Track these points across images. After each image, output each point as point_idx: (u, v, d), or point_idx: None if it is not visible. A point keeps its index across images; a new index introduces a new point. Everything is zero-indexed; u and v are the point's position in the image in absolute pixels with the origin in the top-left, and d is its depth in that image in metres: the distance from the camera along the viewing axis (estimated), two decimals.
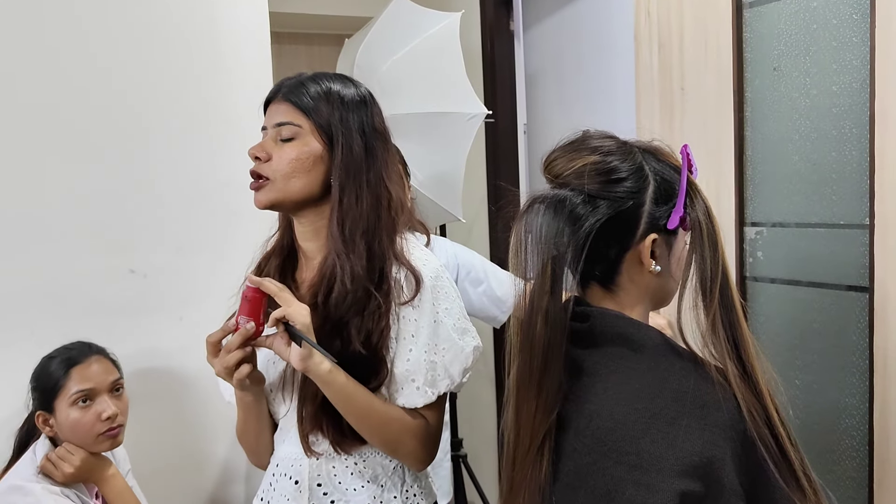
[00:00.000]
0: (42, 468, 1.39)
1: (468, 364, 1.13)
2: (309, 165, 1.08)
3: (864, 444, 1.37)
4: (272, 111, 1.12)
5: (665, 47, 1.68)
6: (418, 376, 1.09)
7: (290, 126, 1.08)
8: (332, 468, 1.11)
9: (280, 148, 1.08)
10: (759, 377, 0.81)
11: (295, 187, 1.08)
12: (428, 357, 1.09)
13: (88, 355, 1.46)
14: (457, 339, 1.12)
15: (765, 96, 1.53)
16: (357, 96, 1.12)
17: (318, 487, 1.11)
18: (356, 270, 1.06)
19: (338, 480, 1.11)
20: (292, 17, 2.90)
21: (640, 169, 0.85)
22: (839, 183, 1.40)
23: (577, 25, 2.39)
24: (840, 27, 1.38)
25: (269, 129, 1.11)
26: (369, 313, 1.07)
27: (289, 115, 1.09)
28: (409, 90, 2.18)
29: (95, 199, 1.67)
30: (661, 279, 0.88)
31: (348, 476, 1.12)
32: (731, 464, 0.78)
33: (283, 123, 1.09)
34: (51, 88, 1.63)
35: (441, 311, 1.11)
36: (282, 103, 1.10)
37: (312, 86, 1.10)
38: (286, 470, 1.13)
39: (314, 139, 1.09)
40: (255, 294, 1.04)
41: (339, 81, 1.13)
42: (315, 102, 1.09)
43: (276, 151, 1.08)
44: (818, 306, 1.46)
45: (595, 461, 0.80)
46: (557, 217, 0.83)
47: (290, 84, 1.12)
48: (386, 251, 1.09)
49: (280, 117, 1.09)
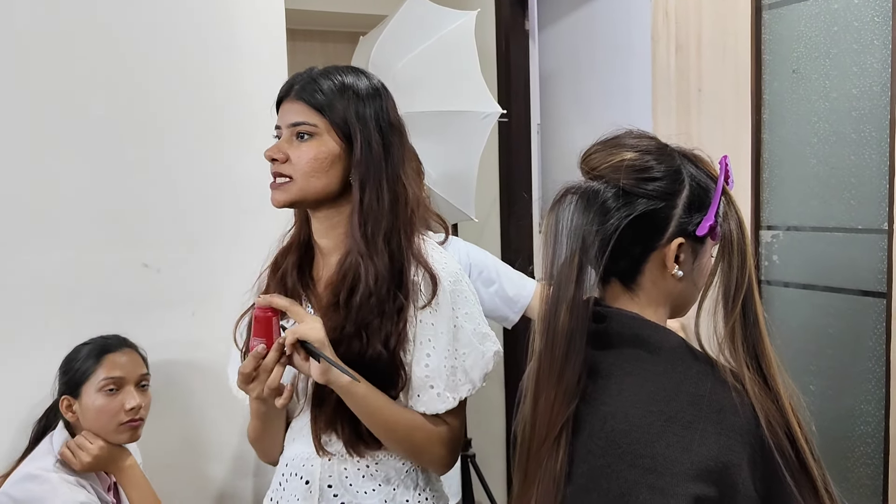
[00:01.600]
0: (61, 454, 1.41)
1: (489, 369, 1.12)
2: (328, 165, 1.06)
3: (879, 451, 1.36)
4: (286, 110, 1.10)
5: (683, 48, 1.67)
6: (438, 382, 1.08)
7: (306, 125, 1.07)
8: (344, 469, 1.10)
9: (297, 147, 1.07)
10: (781, 391, 0.81)
11: (314, 187, 1.07)
12: (448, 363, 1.08)
13: (122, 347, 1.49)
14: (477, 344, 1.11)
15: (783, 99, 1.51)
16: (371, 88, 1.11)
17: (329, 489, 1.10)
18: (380, 271, 1.05)
19: (349, 482, 1.10)
20: (308, 14, 2.91)
21: (677, 172, 0.85)
22: (857, 187, 1.39)
23: (593, 25, 2.38)
24: (861, 30, 1.36)
25: (283, 129, 1.09)
26: (389, 315, 1.05)
27: (303, 115, 1.07)
28: (424, 88, 2.18)
29: (109, 194, 1.67)
30: (682, 285, 0.87)
31: (360, 478, 1.10)
32: (747, 469, 0.77)
33: (298, 123, 1.07)
34: (68, 84, 1.63)
35: (461, 316, 1.10)
36: (295, 102, 1.08)
37: (325, 81, 1.08)
38: (297, 470, 1.12)
39: (331, 138, 1.07)
40: (264, 313, 1.02)
41: (351, 74, 1.11)
42: (329, 99, 1.07)
43: (292, 151, 1.07)
44: (834, 311, 1.44)
45: (609, 464, 0.79)
46: (589, 208, 0.83)
47: (302, 81, 1.09)
48: (404, 251, 1.08)
49: (295, 117, 1.08)
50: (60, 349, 1.50)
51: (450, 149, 1.96)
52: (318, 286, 1.13)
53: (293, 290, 1.13)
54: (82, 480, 1.41)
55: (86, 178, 1.65)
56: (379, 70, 2.16)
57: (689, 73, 1.66)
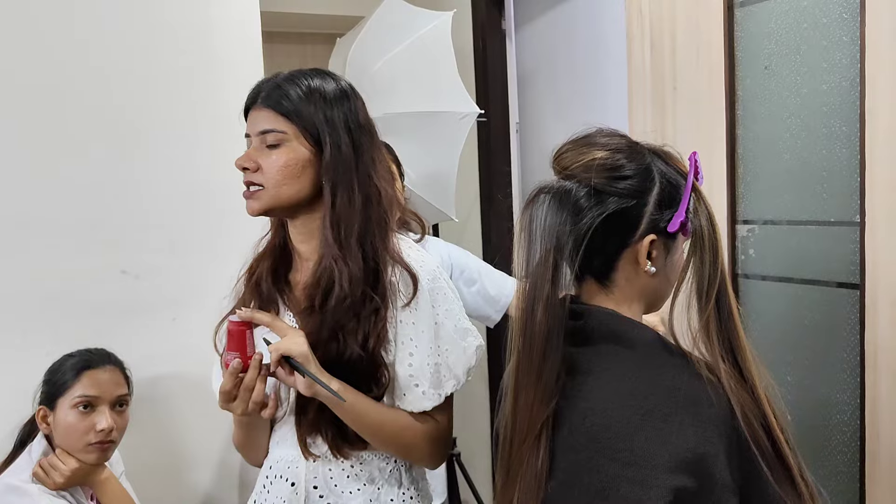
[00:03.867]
0: (34, 474, 1.38)
1: (472, 363, 1.13)
2: (298, 171, 1.06)
3: (855, 439, 1.38)
4: (254, 118, 1.09)
5: (657, 46, 1.69)
6: (422, 381, 1.08)
7: (274, 133, 1.06)
8: (329, 471, 1.11)
9: (267, 155, 1.06)
10: (757, 383, 0.82)
11: (286, 193, 1.06)
12: (431, 360, 1.09)
13: (104, 364, 1.45)
14: (459, 340, 1.11)
15: (756, 95, 1.53)
16: (338, 91, 1.10)
17: (315, 490, 1.10)
18: (354, 273, 1.05)
19: (334, 483, 1.10)
20: (284, 16, 2.89)
21: (648, 170, 0.86)
22: (829, 181, 1.41)
23: (570, 24, 2.40)
24: (830, 26, 1.38)
25: (252, 137, 1.09)
26: (366, 316, 1.06)
27: (272, 122, 1.06)
28: (402, 89, 2.18)
29: (86, 200, 1.65)
30: (655, 281, 0.88)
31: (345, 479, 1.11)
32: (724, 459, 0.78)
33: (267, 131, 1.06)
34: (42, 88, 1.61)
35: (441, 313, 1.10)
36: (262, 109, 1.07)
37: (291, 87, 1.07)
38: (282, 472, 1.12)
39: (300, 144, 1.07)
40: (237, 327, 1.02)
41: (318, 77, 1.10)
42: (296, 105, 1.06)
43: (263, 159, 1.06)
44: (809, 303, 1.47)
45: (589, 458, 0.80)
46: (562, 208, 0.84)
47: (268, 88, 1.08)
48: (379, 250, 1.08)
49: (263, 124, 1.07)
50: (40, 356, 1.48)
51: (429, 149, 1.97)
52: (296, 290, 1.13)
53: (268, 295, 1.13)
54: (63, 492, 1.39)
55: (62, 185, 1.63)
56: (356, 71, 2.16)
57: (663, 70, 1.68)
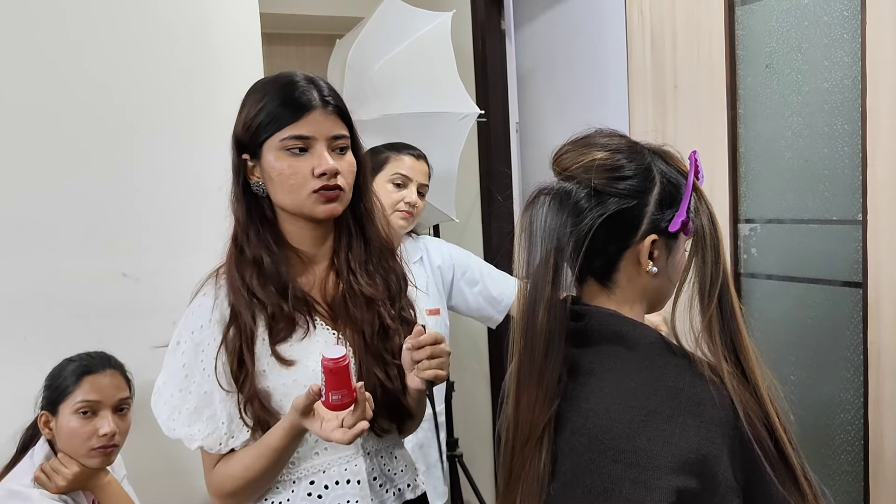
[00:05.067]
0: (36, 478, 1.38)
1: None
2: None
3: (858, 438, 1.38)
4: (320, 121, 1.06)
5: (658, 45, 1.69)
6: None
7: (344, 139, 1.09)
8: (381, 458, 1.16)
9: (341, 159, 1.09)
10: (760, 382, 0.81)
11: (349, 196, 1.11)
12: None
13: (105, 368, 1.45)
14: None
15: (757, 93, 1.53)
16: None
17: (374, 481, 1.14)
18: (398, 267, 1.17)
19: (388, 469, 1.16)
20: (283, 17, 2.89)
21: (648, 170, 0.85)
22: (831, 179, 1.41)
23: (569, 24, 2.39)
24: (831, 24, 1.38)
25: (318, 140, 1.06)
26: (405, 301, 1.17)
27: (341, 128, 1.09)
28: (401, 90, 2.18)
29: (85, 203, 1.65)
30: (657, 281, 0.88)
31: (393, 461, 1.17)
32: (727, 460, 0.78)
33: (339, 136, 1.09)
34: (40, 91, 1.61)
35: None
36: (330, 114, 1.07)
37: (338, 96, 1.11)
38: (337, 477, 1.10)
39: (351, 148, 1.12)
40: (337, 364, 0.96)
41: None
42: (347, 110, 1.11)
43: (338, 163, 1.08)
44: (812, 302, 1.46)
45: (592, 459, 0.80)
46: (562, 209, 0.83)
47: (329, 92, 1.09)
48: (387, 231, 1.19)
49: (335, 129, 1.08)
50: (40, 360, 1.47)
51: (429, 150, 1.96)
52: (313, 296, 1.12)
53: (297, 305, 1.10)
54: (64, 496, 1.39)
55: (61, 189, 1.63)
56: (356, 73, 2.15)
57: (664, 69, 1.68)
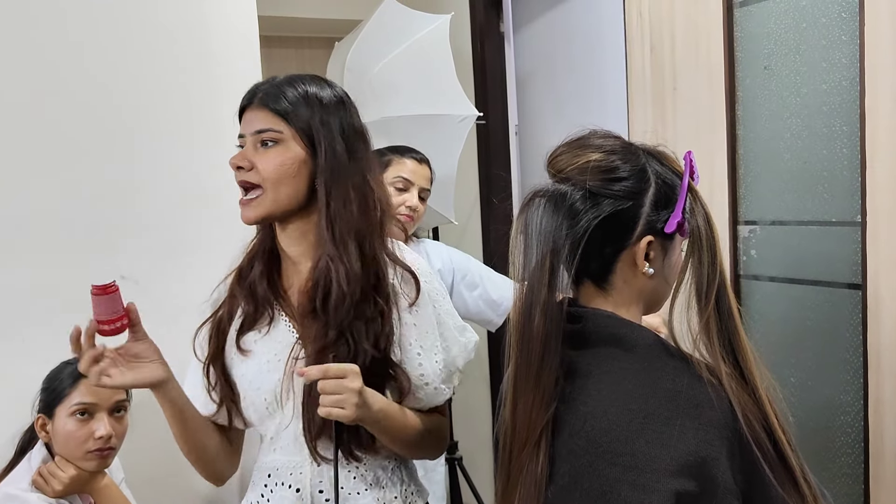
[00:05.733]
0: (34, 482, 1.37)
1: (471, 357, 1.18)
2: (294, 171, 1.06)
3: (859, 440, 1.38)
4: (249, 118, 1.09)
5: (657, 47, 1.69)
6: (434, 379, 1.12)
7: (270, 132, 1.07)
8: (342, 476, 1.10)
9: (262, 155, 1.07)
10: (758, 383, 0.81)
11: (284, 194, 1.07)
12: (440, 358, 1.13)
13: None
14: (458, 336, 1.16)
15: (756, 95, 1.53)
16: (334, 97, 1.11)
17: (321, 494, 1.10)
18: (352, 272, 1.05)
19: (340, 486, 1.10)
20: (282, 20, 2.90)
21: (643, 171, 0.85)
22: (830, 181, 1.41)
23: (568, 26, 2.39)
24: (829, 26, 1.38)
25: (247, 137, 1.09)
26: (372, 318, 1.06)
27: (268, 122, 1.07)
28: (400, 93, 2.18)
29: (84, 205, 1.65)
30: (654, 282, 0.87)
31: (351, 481, 1.10)
32: (726, 462, 0.78)
33: (263, 130, 1.07)
34: (40, 96, 1.61)
35: (442, 313, 1.14)
36: (259, 110, 1.08)
37: (289, 90, 1.08)
38: (283, 479, 1.11)
39: (296, 144, 1.07)
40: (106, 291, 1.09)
41: (314, 83, 1.11)
42: (294, 107, 1.07)
43: (258, 159, 1.07)
44: (812, 304, 1.46)
45: (590, 462, 0.79)
46: (557, 211, 0.83)
47: (265, 89, 1.09)
48: (378, 252, 1.09)
49: (259, 124, 1.07)
50: (38, 361, 1.47)
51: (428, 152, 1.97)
52: (290, 295, 1.13)
53: (264, 297, 1.13)
54: (62, 500, 1.38)
55: (60, 190, 1.63)
56: (355, 75, 2.15)
57: (663, 71, 1.68)
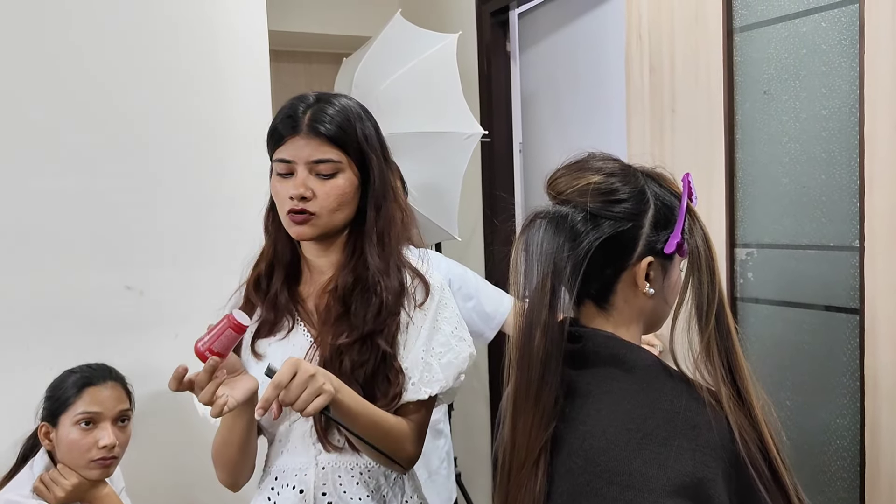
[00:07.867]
0: (35, 489, 1.39)
1: (463, 368, 1.16)
2: (350, 198, 1.10)
3: (855, 465, 1.38)
4: (299, 146, 1.07)
5: (656, 70, 1.71)
6: (414, 373, 1.12)
7: (331, 164, 1.07)
8: (338, 477, 1.12)
9: (323, 184, 1.08)
10: (754, 402, 0.82)
11: (338, 220, 1.10)
12: (424, 356, 1.13)
13: (106, 380, 1.47)
14: (454, 344, 1.16)
15: (755, 119, 1.55)
16: (362, 110, 1.14)
17: (324, 496, 1.11)
18: (394, 288, 1.10)
19: (343, 490, 1.11)
20: (291, 35, 2.93)
21: (642, 192, 0.87)
22: (829, 205, 1.42)
23: (572, 47, 2.42)
24: (829, 52, 1.40)
25: (299, 164, 1.07)
26: (391, 321, 1.11)
27: (325, 152, 1.07)
28: (407, 110, 2.20)
29: (91, 216, 1.67)
30: (654, 302, 0.89)
31: (353, 486, 1.12)
32: (723, 484, 0.79)
33: (322, 161, 1.07)
34: (47, 109, 1.64)
35: (441, 319, 1.16)
36: (312, 138, 1.06)
37: (331, 111, 1.08)
38: (289, 480, 1.13)
39: (352, 172, 1.10)
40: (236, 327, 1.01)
41: (343, 99, 1.13)
42: (344, 132, 1.08)
43: (318, 188, 1.08)
44: (809, 327, 1.47)
45: (588, 482, 0.80)
46: (558, 233, 0.85)
47: (310, 113, 1.07)
48: (402, 262, 1.14)
49: (315, 154, 1.07)
50: (42, 371, 1.49)
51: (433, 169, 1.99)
52: (308, 302, 1.16)
53: (285, 307, 1.15)
54: None
55: (67, 200, 1.65)
56: (362, 91, 2.18)
57: (662, 93, 1.69)
